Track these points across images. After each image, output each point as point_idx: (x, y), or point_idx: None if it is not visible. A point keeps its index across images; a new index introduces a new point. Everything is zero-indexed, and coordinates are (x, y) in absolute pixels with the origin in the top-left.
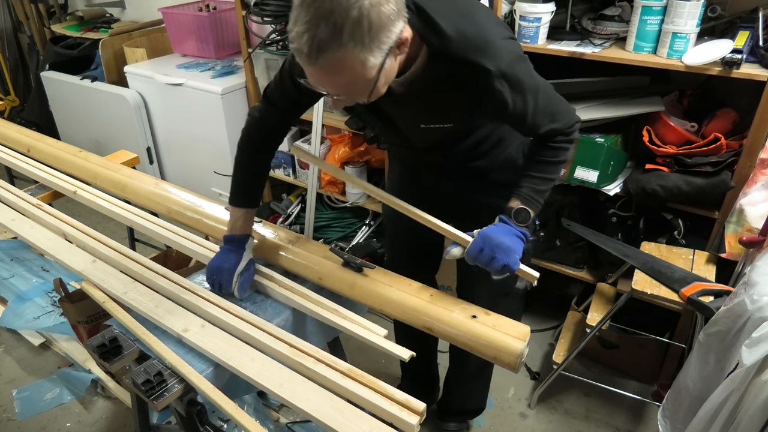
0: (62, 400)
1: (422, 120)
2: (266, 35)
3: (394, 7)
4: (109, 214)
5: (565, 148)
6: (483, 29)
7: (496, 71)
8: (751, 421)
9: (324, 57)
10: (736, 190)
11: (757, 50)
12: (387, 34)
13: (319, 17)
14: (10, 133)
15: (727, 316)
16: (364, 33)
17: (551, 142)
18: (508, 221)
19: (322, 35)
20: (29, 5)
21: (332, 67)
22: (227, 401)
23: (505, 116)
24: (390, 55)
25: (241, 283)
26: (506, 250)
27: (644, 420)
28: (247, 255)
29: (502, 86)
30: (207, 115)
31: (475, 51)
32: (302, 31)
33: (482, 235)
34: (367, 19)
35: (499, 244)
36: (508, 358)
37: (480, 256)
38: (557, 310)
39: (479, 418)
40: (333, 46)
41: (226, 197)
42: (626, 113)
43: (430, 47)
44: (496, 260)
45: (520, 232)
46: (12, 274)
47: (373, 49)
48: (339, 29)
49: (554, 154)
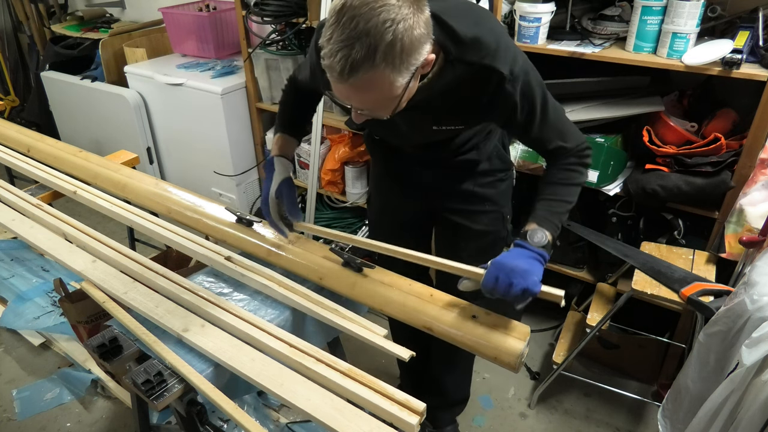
0: (62, 400)
1: (435, 123)
2: (266, 35)
3: (424, 30)
4: (109, 214)
5: (579, 171)
6: (497, 36)
7: (508, 74)
8: (751, 421)
9: (356, 76)
10: (736, 190)
11: (757, 50)
12: (416, 57)
13: (355, 38)
14: (10, 133)
15: (727, 316)
16: (396, 55)
17: (564, 164)
18: (523, 244)
19: (356, 55)
20: (29, 5)
21: (362, 86)
22: (227, 401)
23: (513, 121)
24: (416, 75)
25: (287, 206)
26: (523, 273)
27: (644, 420)
28: (277, 176)
29: (513, 89)
30: (207, 115)
31: (489, 55)
32: (336, 49)
33: (495, 263)
34: (401, 42)
35: (513, 269)
36: (508, 358)
37: (497, 286)
38: (557, 310)
39: (479, 418)
40: (365, 66)
41: (227, 197)
42: (626, 113)
43: (447, 54)
44: (514, 286)
45: (538, 254)
46: (12, 274)
47: (402, 70)
48: (373, 51)
49: (567, 176)
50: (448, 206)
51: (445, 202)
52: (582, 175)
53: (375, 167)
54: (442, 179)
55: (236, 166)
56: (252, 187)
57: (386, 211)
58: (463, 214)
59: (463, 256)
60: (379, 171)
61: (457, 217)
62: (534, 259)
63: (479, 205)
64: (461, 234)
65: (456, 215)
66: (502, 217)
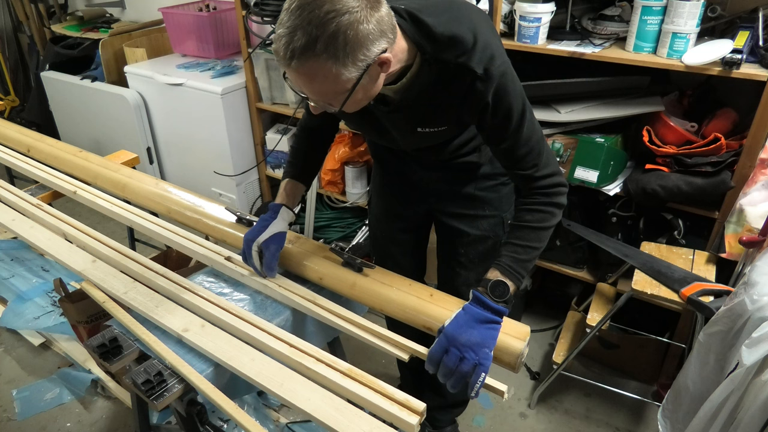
0: (62, 400)
1: (418, 124)
2: (266, 35)
3: (375, 28)
4: (109, 214)
5: (550, 212)
6: (476, 34)
7: (481, 73)
8: (751, 421)
9: (298, 62)
10: (736, 190)
11: (757, 50)
12: (364, 53)
13: (299, 26)
14: (10, 133)
15: (727, 316)
16: (339, 47)
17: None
18: (483, 300)
19: (297, 43)
20: (29, 5)
21: (306, 74)
22: (227, 401)
23: (484, 123)
24: (368, 72)
25: (266, 260)
26: (475, 346)
27: (644, 420)
28: (275, 225)
29: (485, 88)
30: (207, 115)
31: (465, 54)
32: (282, 34)
33: (446, 333)
34: (344, 35)
35: (466, 343)
36: (508, 358)
37: (446, 359)
38: (557, 310)
39: (479, 418)
40: (306, 54)
41: (227, 197)
42: (626, 113)
43: (423, 53)
44: (465, 361)
45: (497, 314)
46: (12, 274)
47: (347, 63)
48: (314, 40)
49: (539, 218)
50: (448, 210)
51: (445, 206)
52: (554, 216)
53: (376, 168)
54: (441, 182)
55: (236, 166)
56: (252, 187)
57: (385, 213)
58: (463, 219)
59: (462, 261)
60: (379, 172)
61: (456, 222)
62: (490, 326)
63: (479, 209)
64: (460, 239)
65: (455, 219)
66: (503, 222)
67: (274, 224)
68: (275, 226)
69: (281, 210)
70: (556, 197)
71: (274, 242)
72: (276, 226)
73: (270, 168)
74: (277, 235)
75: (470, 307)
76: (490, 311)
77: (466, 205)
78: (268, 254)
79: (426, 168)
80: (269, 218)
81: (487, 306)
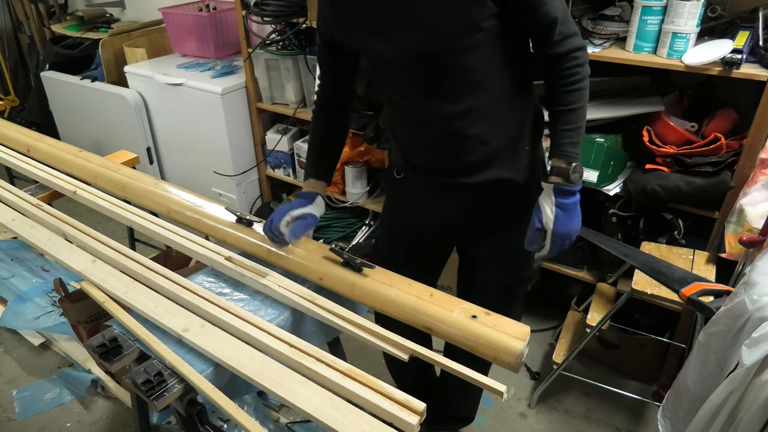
0: (62, 400)
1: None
2: (266, 35)
3: None
4: (109, 214)
5: (587, 86)
6: None
7: None
8: (751, 421)
9: None
10: (736, 190)
11: (757, 50)
12: None
13: None
14: (10, 133)
15: (727, 316)
16: None
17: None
18: (565, 188)
19: None
20: (29, 5)
21: None
22: (227, 401)
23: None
24: None
25: (293, 228)
26: (576, 228)
27: (644, 420)
28: (311, 207)
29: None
30: (207, 115)
31: None
32: None
33: (556, 234)
34: None
35: (569, 231)
36: (508, 358)
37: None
38: (557, 310)
39: (479, 418)
40: None
41: (227, 197)
42: (626, 113)
43: None
44: (572, 240)
45: (577, 195)
46: (12, 274)
47: None
48: None
49: (573, 99)
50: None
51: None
52: (585, 91)
53: (389, 200)
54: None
55: (236, 166)
56: (252, 187)
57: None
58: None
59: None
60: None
61: (478, 250)
62: (576, 207)
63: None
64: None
65: (477, 248)
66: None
67: (313, 207)
68: (313, 209)
69: (317, 198)
70: (587, 67)
71: (308, 218)
72: (315, 209)
73: (270, 168)
74: (312, 216)
75: (561, 202)
76: (573, 196)
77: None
78: (299, 223)
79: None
80: (306, 202)
81: (571, 193)
